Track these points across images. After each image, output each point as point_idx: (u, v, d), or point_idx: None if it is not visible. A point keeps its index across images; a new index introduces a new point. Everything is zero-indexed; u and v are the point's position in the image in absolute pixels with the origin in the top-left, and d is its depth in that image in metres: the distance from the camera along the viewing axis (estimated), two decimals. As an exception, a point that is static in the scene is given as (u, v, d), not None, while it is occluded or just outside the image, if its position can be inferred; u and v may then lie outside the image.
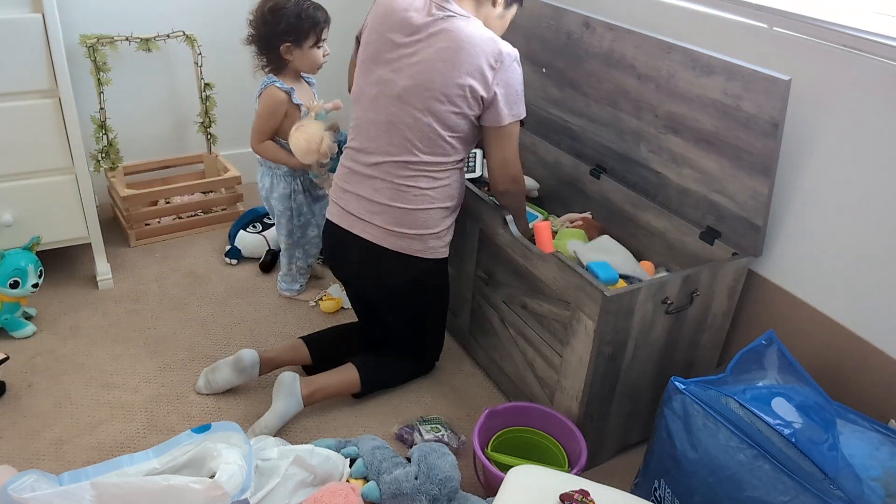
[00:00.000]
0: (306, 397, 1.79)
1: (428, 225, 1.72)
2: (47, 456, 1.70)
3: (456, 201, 1.78)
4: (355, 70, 1.78)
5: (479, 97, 1.63)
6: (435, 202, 1.71)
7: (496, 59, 1.61)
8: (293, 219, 2.20)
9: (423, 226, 1.72)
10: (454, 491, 1.53)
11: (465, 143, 1.72)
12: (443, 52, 1.61)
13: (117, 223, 2.65)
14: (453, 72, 1.60)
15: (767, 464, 1.27)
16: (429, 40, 1.63)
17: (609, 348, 1.54)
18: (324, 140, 1.92)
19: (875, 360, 1.55)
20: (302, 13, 1.98)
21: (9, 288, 2.00)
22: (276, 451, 1.55)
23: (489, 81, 1.62)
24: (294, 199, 2.17)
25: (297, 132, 1.93)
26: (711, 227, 1.74)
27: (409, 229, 1.71)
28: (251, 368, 1.87)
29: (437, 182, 1.70)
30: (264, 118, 2.06)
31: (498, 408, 1.69)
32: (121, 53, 2.51)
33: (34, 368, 1.96)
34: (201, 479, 1.37)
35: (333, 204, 1.81)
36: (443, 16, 1.64)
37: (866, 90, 1.47)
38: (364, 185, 1.73)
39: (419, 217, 1.71)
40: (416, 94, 1.63)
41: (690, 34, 1.79)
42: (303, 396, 1.78)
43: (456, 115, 1.64)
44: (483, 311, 1.98)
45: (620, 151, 1.96)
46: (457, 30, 1.62)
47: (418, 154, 1.66)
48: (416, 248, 1.73)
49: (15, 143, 2.04)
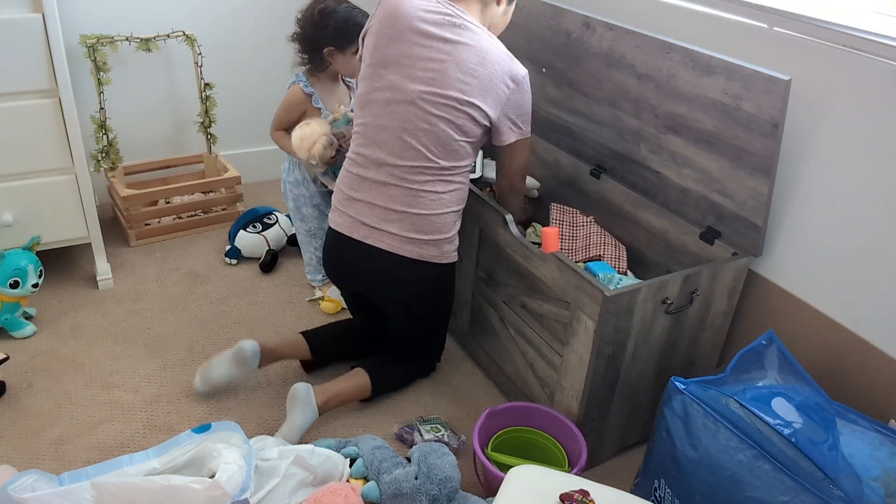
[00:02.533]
0: (321, 406, 1.75)
1: (444, 230, 1.73)
2: (47, 456, 1.70)
3: (463, 205, 1.79)
4: (359, 74, 1.76)
5: (491, 111, 1.67)
6: (450, 206, 1.72)
7: (513, 79, 1.67)
8: (306, 205, 2.22)
9: (440, 230, 1.72)
10: (454, 491, 1.53)
11: (476, 148, 1.74)
12: (462, 64, 1.62)
13: (117, 223, 2.65)
14: (470, 85, 1.62)
15: (767, 464, 1.27)
16: (446, 47, 1.63)
17: (609, 348, 1.54)
18: (318, 143, 1.91)
19: (875, 360, 1.55)
20: (350, 20, 1.99)
21: (9, 288, 2.00)
22: (276, 451, 1.55)
23: (502, 100, 1.67)
24: (307, 187, 2.20)
25: (299, 127, 1.94)
26: (711, 227, 1.74)
27: (426, 235, 1.70)
28: (252, 360, 1.84)
29: (451, 186, 1.71)
30: (282, 111, 2.16)
31: (498, 408, 1.69)
32: (121, 53, 2.51)
33: (34, 368, 1.96)
34: (201, 479, 1.37)
35: (339, 213, 1.75)
36: (459, 23, 1.65)
37: (866, 90, 1.47)
38: (376, 193, 1.69)
39: (436, 222, 1.70)
40: (432, 100, 1.63)
41: (690, 34, 1.79)
42: (318, 405, 1.75)
43: (472, 123, 1.67)
44: (483, 311, 1.98)
45: (620, 151, 1.96)
46: (475, 43, 1.64)
47: (434, 159, 1.66)
48: (433, 254, 1.73)
49: (15, 143, 2.04)
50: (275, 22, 2.61)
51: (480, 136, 1.71)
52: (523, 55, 2.19)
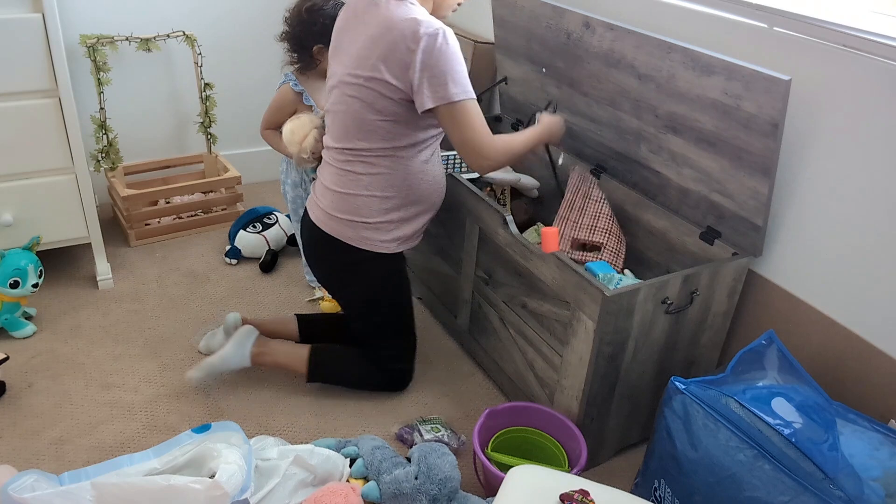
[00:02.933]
0: (254, 355, 1.86)
1: (361, 213, 1.72)
2: (47, 456, 1.70)
3: (397, 194, 1.72)
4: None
5: (398, 81, 1.57)
6: (369, 189, 1.70)
7: (414, 40, 1.52)
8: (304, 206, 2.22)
9: (356, 213, 1.72)
10: (454, 491, 1.53)
11: (406, 128, 1.65)
12: (367, 39, 1.61)
13: (117, 223, 2.65)
14: (373, 57, 1.59)
15: (767, 464, 1.27)
16: (360, 27, 1.65)
17: (609, 348, 1.54)
18: (308, 136, 1.91)
19: (875, 360, 1.55)
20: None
21: (9, 288, 2.00)
22: (276, 451, 1.55)
23: (406, 66, 1.54)
24: (305, 188, 2.20)
25: (290, 121, 1.94)
26: (711, 227, 1.74)
27: (341, 214, 1.73)
28: (233, 329, 1.93)
29: (372, 168, 1.69)
30: (271, 111, 2.16)
31: (498, 408, 1.69)
32: (121, 53, 2.51)
33: (34, 368, 1.96)
34: (201, 479, 1.37)
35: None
36: (376, 2, 1.62)
37: (866, 90, 1.47)
38: (324, 173, 1.80)
39: (350, 202, 1.72)
40: (347, 80, 1.65)
41: (690, 34, 1.79)
42: (251, 353, 1.85)
43: (382, 98, 1.60)
44: (483, 311, 1.98)
45: (620, 151, 1.96)
46: (381, 14, 1.59)
47: (353, 140, 1.68)
48: (347, 234, 1.74)
49: (15, 143, 2.04)
50: (275, 22, 2.60)
51: (402, 114, 1.62)
52: (523, 55, 2.19)
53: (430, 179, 1.77)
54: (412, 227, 1.79)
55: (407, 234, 1.79)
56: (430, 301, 2.27)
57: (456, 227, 2.00)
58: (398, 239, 1.78)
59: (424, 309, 2.30)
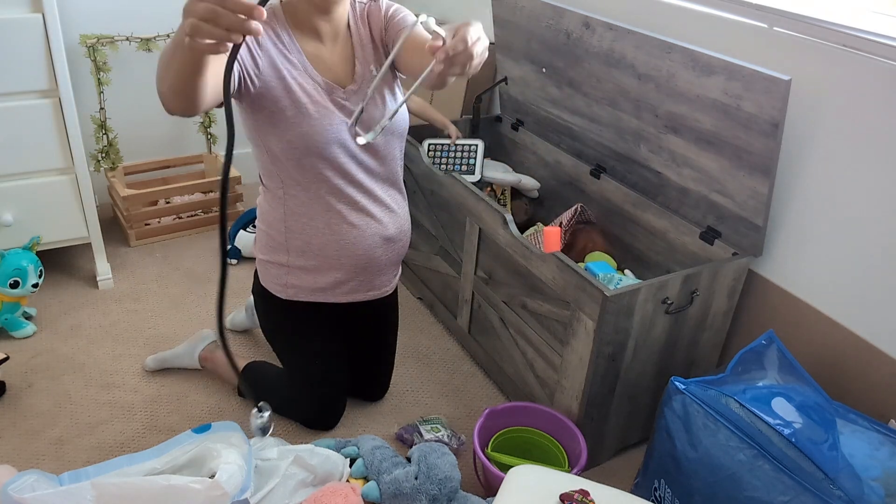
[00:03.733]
0: (201, 359, 1.92)
1: (259, 244, 1.63)
2: (47, 456, 1.70)
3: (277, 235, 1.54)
4: None
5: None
6: (264, 222, 1.58)
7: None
8: None
9: (258, 241, 1.64)
10: (454, 491, 1.53)
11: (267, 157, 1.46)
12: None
13: (117, 223, 2.65)
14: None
15: (767, 464, 1.27)
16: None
17: (609, 348, 1.54)
18: None
19: (875, 360, 1.55)
20: None
21: (9, 288, 2.00)
22: (276, 451, 1.55)
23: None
24: None
25: None
26: (711, 227, 1.74)
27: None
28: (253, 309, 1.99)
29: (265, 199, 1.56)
30: None
31: (498, 408, 1.69)
32: (121, 53, 2.51)
33: (34, 368, 1.96)
34: (201, 479, 1.37)
35: None
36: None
37: (866, 90, 1.47)
38: None
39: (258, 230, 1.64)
40: None
41: (690, 34, 1.79)
42: (199, 357, 1.92)
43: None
44: (483, 311, 1.98)
45: (620, 151, 1.96)
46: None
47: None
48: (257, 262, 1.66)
49: (15, 143, 2.04)
50: (275, 22, 2.62)
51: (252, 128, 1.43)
52: (523, 55, 2.19)
53: (321, 229, 1.51)
54: (312, 280, 1.58)
55: (306, 286, 1.59)
56: (430, 301, 2.27)
57: (456, 227, 2.00)
58: (293, 286, 1.59)
59: (424, 309, 2.31)
